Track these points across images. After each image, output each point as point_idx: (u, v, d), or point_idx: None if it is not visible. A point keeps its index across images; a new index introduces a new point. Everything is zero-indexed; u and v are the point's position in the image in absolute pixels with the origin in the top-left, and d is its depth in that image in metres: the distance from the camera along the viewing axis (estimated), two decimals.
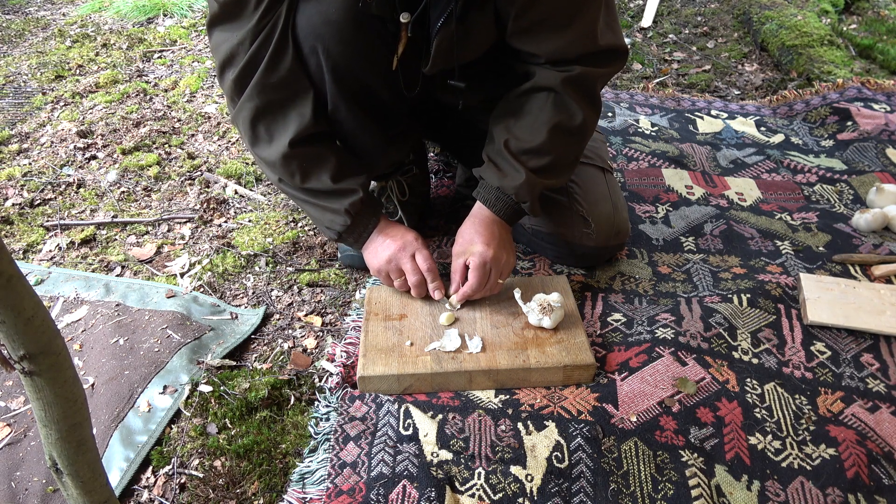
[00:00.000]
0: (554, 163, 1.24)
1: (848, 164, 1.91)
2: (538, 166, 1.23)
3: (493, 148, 1.27)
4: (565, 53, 1.18)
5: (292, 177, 1.21)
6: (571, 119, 1.22)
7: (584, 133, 1.27)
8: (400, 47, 1.16)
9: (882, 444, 1.08)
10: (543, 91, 1.22)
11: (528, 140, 1.23)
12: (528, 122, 1.23)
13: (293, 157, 1.19)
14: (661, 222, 1.66)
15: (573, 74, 1.19)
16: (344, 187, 1.23)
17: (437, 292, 1.28)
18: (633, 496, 1.01)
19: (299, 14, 1.11)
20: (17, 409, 1.22)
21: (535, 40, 1.18)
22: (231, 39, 1.12)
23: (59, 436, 0.71)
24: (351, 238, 1.29)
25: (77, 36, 3.11)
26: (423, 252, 1.28)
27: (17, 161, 2.07)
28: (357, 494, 1.02)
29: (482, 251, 1.25)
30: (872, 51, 2.66)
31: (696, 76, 2.59)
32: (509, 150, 1.23)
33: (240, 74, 1.14)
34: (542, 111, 1.22)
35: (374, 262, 1.29)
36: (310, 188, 1.23)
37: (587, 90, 1.22)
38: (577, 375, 1.18)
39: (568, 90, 1.20)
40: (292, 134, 1.17)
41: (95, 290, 1.50)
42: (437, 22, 1.10)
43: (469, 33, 1.14)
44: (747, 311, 1.32)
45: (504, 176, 1.24)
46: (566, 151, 1.27)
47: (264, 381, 1.25)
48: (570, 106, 1.21)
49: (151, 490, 1.08)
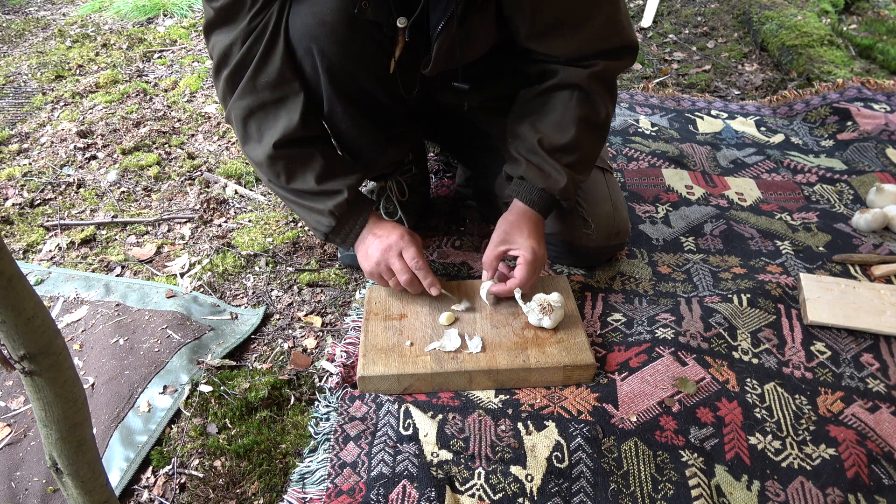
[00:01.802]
0: (582, 158, 1.26)
1: (848, 164, 1.91)
2: (572, 162, 1.24)
3: (525, 146, 1.25)
4: (583, 51, 1.19)
5: (277, 177, 1.22)
6: (598, 114, 1.24)
7: (607, 127, 1.30)
8: (397, 51, 1.16)
9: (882, 444, 1.08)
10: (568, 88, 1.23)
11: (558, 137, 1.23)
12: (556, 120, 1.23)
13: (278, 157, 1.19)
14: (661, 222, 1.66)
15: (598, 70, 1.20)
16: (328, 188, 1.22)
17: (434, 289, 1.27)
18: (633, 496, 1.01)
19: (293, 15, 1.11)
20: (17, 409, 1.22)
21: (553, 42, 1.19)
22: (225, 40, 1.13)
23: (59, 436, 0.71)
24: (338, 238, 1.29)
25: (77, 36, 3.11)
26: (411, 250, 1.25)
27: (17, 161, 2.07)
28: (357, 494, 1.02)
29: (534, 246, 1.24)
30: (872, 51, 2.66)
31: (696, 76, 2.59)
32: (544, 149, 1.23)
33: (231, 73, 1.15)
34: (569, 108, 1.22)
35: (366, 264, 1.28)
36: (295, 188, 1.23)
37: (610, 84, 1.25)
38: (577, 375, 1.18)
39: (594, 86, 1.21)
40: (278, 135, 1.17)
41: (95, 290, 1.50)
42: (438, 25, 1.10)
43: (470, 35, 1.15)
44: (747, 311, 1.32)
45: (548, 177, 1.24)
46: (593, 146, 1.28)
47: (264, 381, 1.25)
48: (596, 101, 1.23)
49: (151, 490, 1.08)
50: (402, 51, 1.15)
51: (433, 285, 1.27)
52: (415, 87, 1.24)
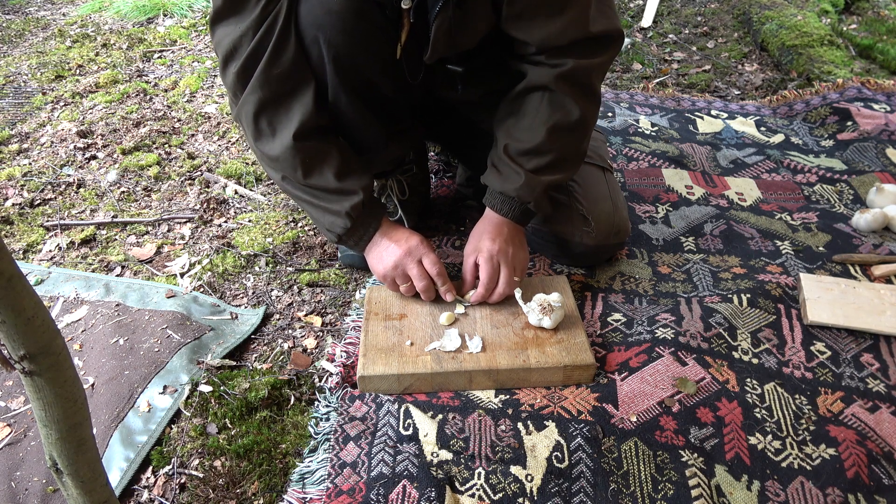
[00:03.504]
0: (557, 160, 1.25)
1: (848, 164, 1.91)
2: (539, 166, 1.24)
3: (496, 153, 1.29)
4: (557, 40, 1.17)
5: (294, 171, 1.20)
6: (568, 116, 1.22)
7: (584, 127, 1.27)
8: (403, 34, 1.15)
9: (882, 444, 1.08)
10: (538, 90, 1.22)
11: (527, 141, 1.23)
12: (527, 124, 1.23)
13: (297, 150, 1.18)
14: (661, 222, 1.66)
15: (566, 70, 1.18)
16: (346, 187, 1.22)
17: (449, 294, 1.29)
18: (633, 496, 1.01)
19: (301, 4, 1.11)
20: (17, 409, 1.23)
21: (528, 26, 1.17)
22: (234, 32, 1.11)
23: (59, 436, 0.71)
24: (351, 241, 1.29)
25: (77, 36, 3.11)
26: (431, 256, 1.27)
27: (17, 161, 2.07)
28: (357, 494, 1.02)
29: (489, 246, 1.27)
30: (872, 51, 2.66)
31: (696, 76, 2.59)
32: (508, 154, 1.25)
33: (243, 66, 1.13)
34: (539, 111, 1.22)
35: (380, 267, 1.28)
36: (312, 184, 1.22)
37: (582, 83, 1.22)
38: (577, 375, 1.18)
39: (562, 86, 1.19)
40: (296, 126, 1.16)
41: (95, 290, 1.50)
42: (436, 7, 1.10)
43: (466, 18, 1.14)
44: (747, 311, 1.32)
45: (504, 179, 1.26)
46: (568, 147, 1.27)
47: (264, 381, 1.25)
48: (566, 102, 1.21)
49: (151, 490, 1.08)
50: (407, 34, 1.15)
51: (449, 291, 1.29)
52: (420, 72, 1.24)
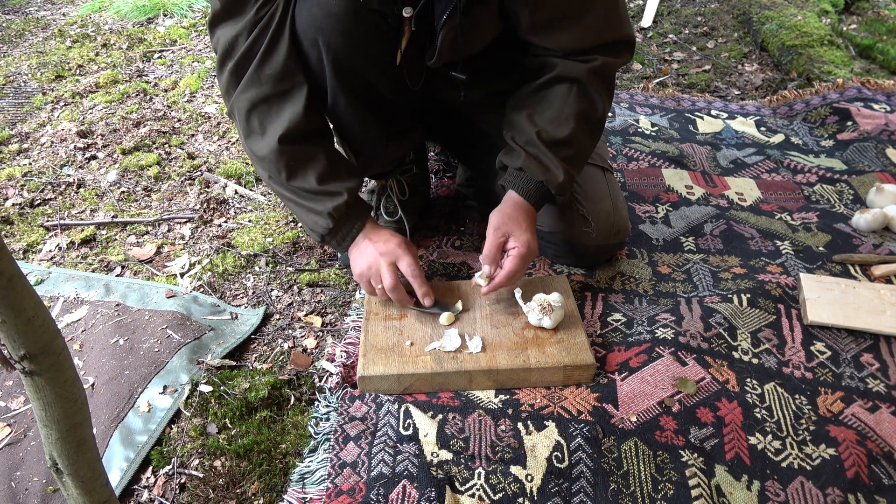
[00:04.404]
0: (578, 153, 1.26)
1: (848, 164, 1.91)
2: (567, 157, 1.24)
3: (523, 137, 1.24)
4: (582, 45, 1.19)
5: (279, 173, 1.21)
6: (595, 110, 1.24)
7: (603, 124, 1.30)
8: (403, 42, 1.15)
9: (882, 444, 1.08)
10: (566, 82, 1.22)
11: (557, 131, 1.23)
12: (554, 114, 1.23)
13: (282, 153, 1.18)
14: (661, 222, 1.66)
15: (597, 65, 1.20)
16: (329, 189, 1.21)
17: (427, 299, 1.26)
18: (633, 496, 1.01)
19: (299, 5, 1.11)
20: (17, 409, 1.22)
21: (553, 35, 1.19)
22: (230, 32, 1.12)
23: (59, 436, 0.71)
24: (334, 241, 1.28)
25: (77, 36, 3.11)
26: (408, 259, 1.23)
27: (17, 161, 2.07)
28: (357, 494, 1.02)
29: (529, 240, 1.23)
30: (872, 51, 2.66)
31: (696, 76, 2.59)
32: (543, 142, 1.22)
33: (236, 65, 1.14)
34: (567, 102, 1.22)
35: (356, 267, 1.28)
36: (295, 186, 1.22)
37: (608, 80, 1.25)
38: (578, 375, 1.18)
39: (594, 80, 1.21)
40: (283, 129, 1.16)
41: (95, 290, 1.50)
42: (443, 15, 1.11)
43: (473, 26, 1.15)
44: (747, 311, 1.32)
45: (547, 171, 1.23)
46: (588, 142, 1.28)
47: (264, 381, 1.25)
48: (594, 96, 1.22)
49: (151, 490, 1.08)
50: (408, 41, 1.15)
51: (427, 295, 1.26)
52: (420, 78, 1.24)
